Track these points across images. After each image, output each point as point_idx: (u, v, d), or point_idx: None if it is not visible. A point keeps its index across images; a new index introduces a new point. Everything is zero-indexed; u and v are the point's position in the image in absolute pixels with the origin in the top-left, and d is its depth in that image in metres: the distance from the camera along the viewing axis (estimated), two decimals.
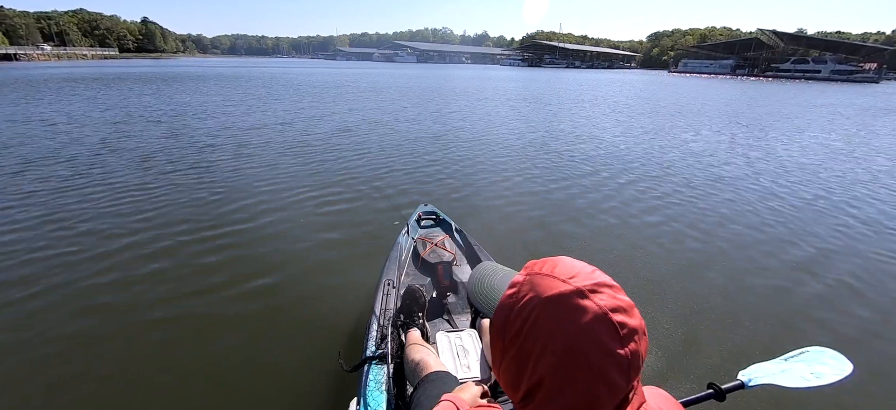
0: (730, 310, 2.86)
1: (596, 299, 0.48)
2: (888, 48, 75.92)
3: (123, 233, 3.75)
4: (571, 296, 0.49)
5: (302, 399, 2.08)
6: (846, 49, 70.42)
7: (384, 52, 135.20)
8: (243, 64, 63.68)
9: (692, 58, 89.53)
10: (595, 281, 0.51)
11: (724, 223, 4.42)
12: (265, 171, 5.80)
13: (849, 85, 48.57)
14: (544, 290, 0.50)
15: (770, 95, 25.48)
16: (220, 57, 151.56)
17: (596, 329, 0.47)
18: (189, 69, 39.60)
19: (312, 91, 18.80)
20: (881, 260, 3.69)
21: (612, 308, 0.48)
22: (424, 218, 3.05)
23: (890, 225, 4.47)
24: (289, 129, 9.08)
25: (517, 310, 0.52)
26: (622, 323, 0.48)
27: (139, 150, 6.81)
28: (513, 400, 0.55)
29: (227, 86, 20.30)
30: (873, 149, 8.85)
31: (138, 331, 2.53)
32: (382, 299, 2.03)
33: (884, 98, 26.33)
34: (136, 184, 5.13)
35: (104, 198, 4.63)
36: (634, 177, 6.08)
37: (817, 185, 5.92)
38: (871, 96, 27.04)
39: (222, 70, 39.23)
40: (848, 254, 3.76)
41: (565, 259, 0.55)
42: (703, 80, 49.48)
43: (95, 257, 3.35)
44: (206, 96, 15.32)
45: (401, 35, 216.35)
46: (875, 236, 4.19)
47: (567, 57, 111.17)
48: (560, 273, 0.52)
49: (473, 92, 21.37)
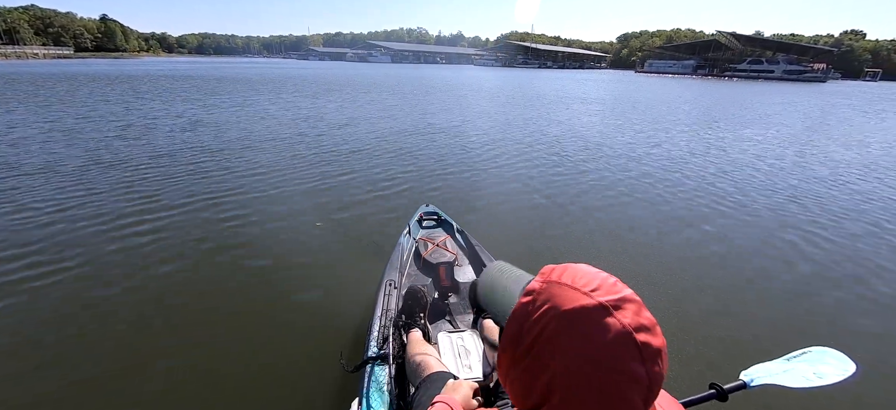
0: (732, 310, 2.85)
1: (620, 316, 0.46)
2: (834, 50, 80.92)
3: (124, 234, 3.73)
4: (594, 311, 0.46)
5: (303, 399, 2.07)
6: (797, 50, 74.73)
7: (358, 52, 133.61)
8: (213, 64, 61.52)
9: (657, 58, 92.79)
10: (618, 295, 0.48)
11: (724, 223, 4.41)
12: (264, 172, 5.76)
13: (799, 84, 51.53)
14: (564, 302, 0.48)
15: (725, 94, 26.80)
16: (188, 57, 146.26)
17: (619, 349, 0.45)
18: (155, 69, 38.06)
19: (289, 89, 18.53)
20: (885, 258, 3.66)
21: (636, 327, 0.46)
22: (426, 218, 3.04)
23: (891, 226, 4.47)
24: (288, 131, 9.00)
25: (533, 321, 0.49)
26: (646, 344, 0.46)
27: (146, 148, 6.74)
28: (519, 408, 0.53)
29: (200, 87, 19.72)
30: None
31: (138, 332, 2.51)
32: (384, 299, 2.03)
33: (829, 95, 28.16)
34: (133, 182, 5.13)
35: (104, 194, 4.63)
36: (634, 177, 6.16)
37: (817, 184, 5.99)
38: (819, 95, 28.79)
39: (196, 70, 37.87)
40: (851, 254, 3.74)
41: (583, 267, 0.53)
42: (664, 80, 51.46)
43: (96, 258, 3.32)
44: (206, 98, 14.86)
45: (375, 35, 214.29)
46: (878, 236, 4.17)
47: (539, 57, 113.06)
48: (581, 284, 0.49)
49: (455, 89, 21.56)
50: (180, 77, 26.11)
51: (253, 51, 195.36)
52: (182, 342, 2.44)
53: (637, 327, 0.46)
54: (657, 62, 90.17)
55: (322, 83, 24.01)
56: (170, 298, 2.84)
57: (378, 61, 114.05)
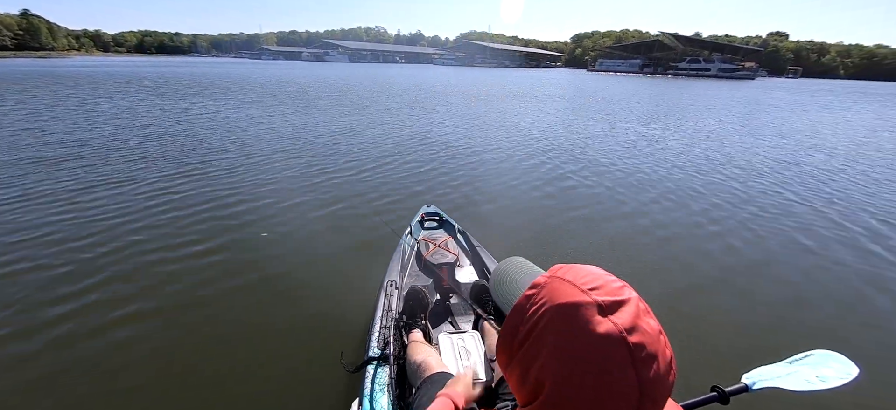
0: (734, 312, 2.85)
1: (614, 318, 0.45)
2: (761, 50, 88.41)
3: (125, 235, 3.71)
4: (586, 308, 0.46)
5: (304, 399, 2.06)
6: (730, 50, 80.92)
7: (314, 51, 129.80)
8: (155, 65, 57.63)
9: (607, 58, 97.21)
10: (618, 297, 0.47)
11: (724, 224, 4.41)
12: (264, 173, 5.74)
13: (731, 81, 55.83)
14: (559, 296, 0.49)
15: (672, 91, 28.64)
16: (127, 56, 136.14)
17: (607, 350, 0.44)
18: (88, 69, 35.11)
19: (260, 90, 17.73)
20: (889, 260, 3.68)
21: (630, 329, 0.45)
22: (427, 219, 3.03)
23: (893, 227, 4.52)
24: (287, 131, 8.93)
25: (530, 313, 0.50)
26: (639, 347, 0.44)
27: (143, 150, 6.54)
28: (519, 401, 0.54)
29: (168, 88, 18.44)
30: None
31: (138, 333, 2.50)
32: (385, 300, 2.02)
33: (761, 91, 30.56)
34: (129, 185, 5.05)
35: (107, 198, 4.60)
36: (634, 176, 6.25)
37: (816, 184, 6.04)
38: (751, 89, 31.06)
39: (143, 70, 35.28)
40: (853, 254, 3.76)
41: (592, 267, 0.53)
42: (614, 78, 54.07)
43: (97, 257, 3.32)
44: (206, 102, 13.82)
45: (332, 34, 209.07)
46: (881, 237, 4.20)
47: (497, 56, 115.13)
48: (581, 281, 0.49)
49: (428, 90, 21.52)
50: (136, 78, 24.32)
51: (201, 49, 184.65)
52: (181, 343, 2.43)
53: (631, 329, 0.45)
54: (607, 61, 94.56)
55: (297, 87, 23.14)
56: (170, 300, 2.83)
57: (335, 61, 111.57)
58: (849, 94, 34.06)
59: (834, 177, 6.67)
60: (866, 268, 3.51)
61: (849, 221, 4.63)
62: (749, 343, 2.56)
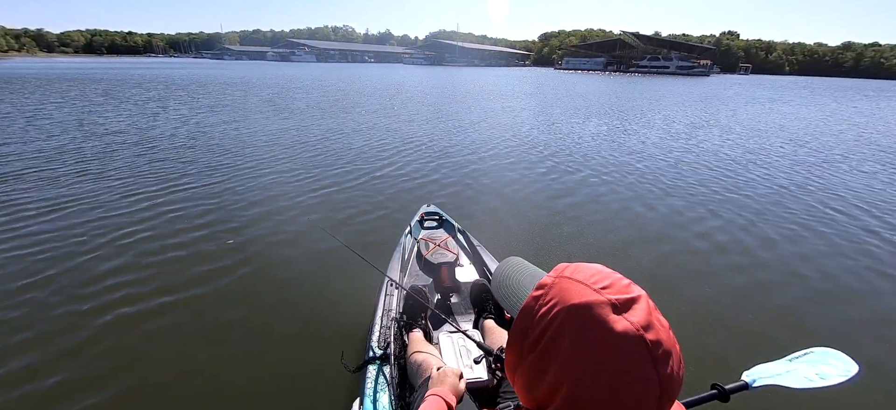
0: (734, 310, 2.85)
1: (629, 316, 0.45)
2: (715, 48, 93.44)
3: (125, 236, 3.70)
4: (602, 308, 0.46)
5: (305, 399, 2.06)
6: (686, 49, 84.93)
7: (279, 51, 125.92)
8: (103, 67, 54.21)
9: (573, 56, 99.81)
10: (630, 295, 0.47)
11: (722, 224, 4.39)
12: (262, 173, 5.73)
13: (689, 78, 58.65)
14: (572, 297, 0.48)
15: (635, 88, 29.74)
16: (74, 57, 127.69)
17: (627, 349, 0.44)
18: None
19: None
20: (889, 258, 3.68)
21: (646, 326, 0.45)
22: (427, 218, 3.01)
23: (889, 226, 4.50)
24: (286, 132, 8.87)
25: (541, 315, 0.49)
26: (657, 345, 0.44)
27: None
28: (525, 404, 0.53)
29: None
30: None
31: (138, 332, 2.49)
32: (385, 300, 2.01)
33: (720, 87, 31.91)
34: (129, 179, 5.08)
35: (109, 191, 4.65)
36: (626, 173, 6.29)
37: (815, 183, 6.03)
38: (710, 86, 32.57)
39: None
40: (854, 254, 3.75)
41: (597, 266, 0.52)
42: (579, 76, 55.63)
43: (96, 256, 3.32)
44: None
45: (298, 32, 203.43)
46: (883, 236, 4.18)
47: (467, 56, 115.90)
48: (591, 280, 0.49)
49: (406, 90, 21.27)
50: None
51: (157, 49, 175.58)
52: (181, 344, 2.42)
53: (647, 327, 0.45)
54: (573, 59, 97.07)
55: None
56: (170, 300, 2.81)
57: (302, 60, 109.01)
58: (814, 90, 35.54)
59: (830, 171, 6.80)
60: (866, 265, 3.52)
61: (847, 217, 4.65)
62: (749, 340, 2.56)
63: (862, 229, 4.38)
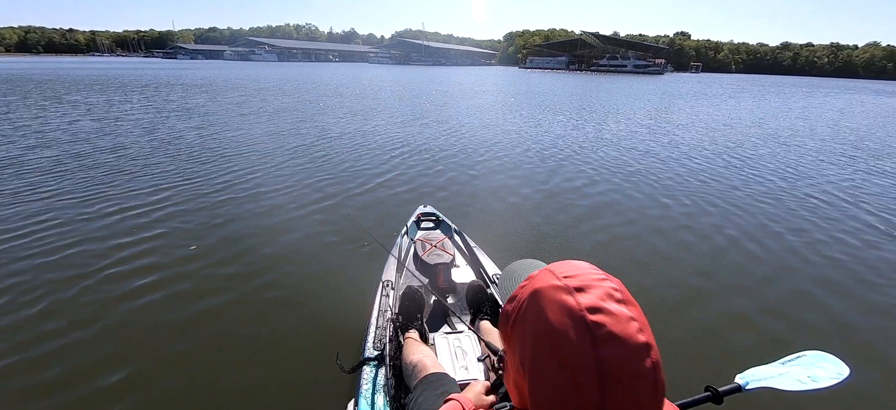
0: (727, 313, 2.86)
1: (578, 297, 0.46)
2: (668, 48, 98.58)
3: (125, 236, 3.68)
4: (555, 291, 0.48)
5: (300, 400, 2.05)
6: (642, 48, 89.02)
7: (238, 49, 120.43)
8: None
9: (537, 55, 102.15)
10: (587, 281, 0.49)
11: (721, 224, 4.37)
12: (259, 173, 5.69)
13: (645, 76, 61.44)
14: (537, 283, 0.51)
15: (598, 85, 30.74)
16: (5, 56, 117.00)
17: (566, 325, 0.45)
18: None
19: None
20: (881, 262, 3.67)
21: (592, 307, 0.45)
22: (424, 219, 2.99)
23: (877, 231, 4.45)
24: (285, 133, 8.78)
25: (517, 301, 0.53)
26: (599, 325, 0.44)
27: None
28: (516, 404, 0.56)
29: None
30: None
31: (137, 332, 2.49)
32: (381, 300, 2.00)
33: (676, 84, 33.47)
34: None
35: (103, 192, 4.61)
36: (615, 170, 6.33)
37: (814, 182, 6.05)
38: (666, 83, 34.17)
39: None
40: (850, 256, 3.75)
41: (580, 262, 0.54)
42: (544, 74, 56.99)
43: (95, 256, 3.32)
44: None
45: (258, 31, 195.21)
46: (881, 237, 4.17)
47: (434, 55, 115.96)
48: (561, 270, 0.51)
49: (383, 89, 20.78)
50: None
51: (103, 48, 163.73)
52: (176, 344, 2.40)
53: (593, 309, 0.45)
54: (537, 59, 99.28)
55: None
56: (168, 299, 2.81)
57: (262, 60, 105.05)
58: (774, 87, 37.74)
59: (825, 170, 6.86)
60: (856, 269, 3.54)
61: (843, 219, 4.65)
62: (742, 343, 2.59)
63: (864, 225, 4.47)
